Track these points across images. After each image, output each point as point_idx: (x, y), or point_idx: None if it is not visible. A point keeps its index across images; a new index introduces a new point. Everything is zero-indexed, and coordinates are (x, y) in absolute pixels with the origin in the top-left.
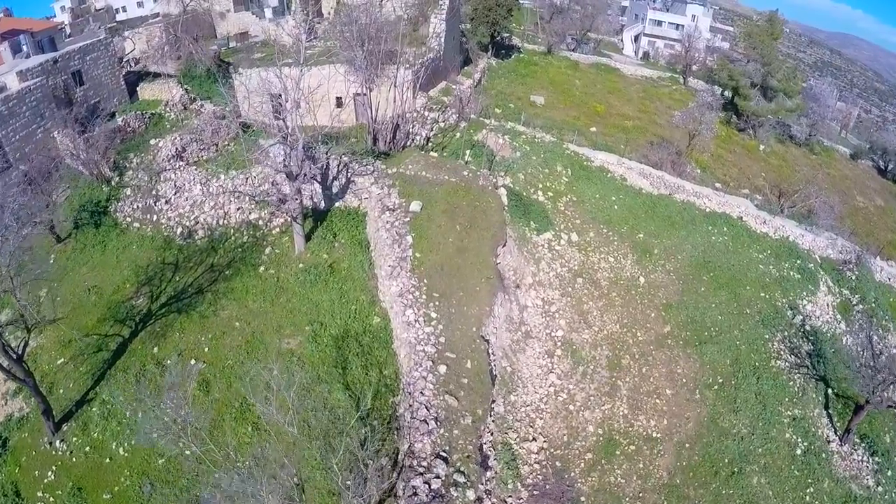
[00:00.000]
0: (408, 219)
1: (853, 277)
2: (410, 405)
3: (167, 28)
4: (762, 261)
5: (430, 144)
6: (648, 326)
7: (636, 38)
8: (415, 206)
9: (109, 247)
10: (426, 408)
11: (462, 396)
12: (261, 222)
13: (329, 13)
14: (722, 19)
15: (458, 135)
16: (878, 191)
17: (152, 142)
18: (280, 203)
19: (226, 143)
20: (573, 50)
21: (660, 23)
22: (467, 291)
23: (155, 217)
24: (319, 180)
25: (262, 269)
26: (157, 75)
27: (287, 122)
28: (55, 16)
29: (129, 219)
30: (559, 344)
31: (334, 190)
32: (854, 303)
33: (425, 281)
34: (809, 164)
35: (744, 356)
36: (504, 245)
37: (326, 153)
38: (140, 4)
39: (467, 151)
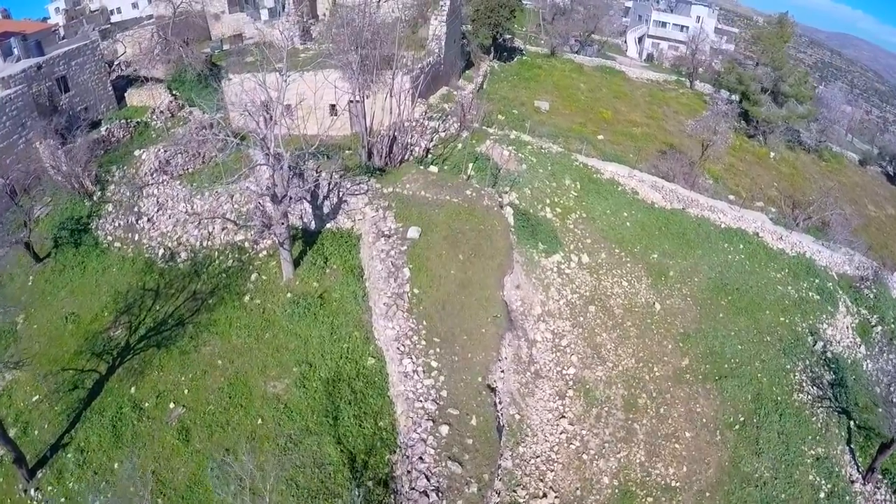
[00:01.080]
0: (405, 247)
1: (871, 296)
2: (409, 472)
3: (158, 30)
4: (780, 281)
5: (429, 157)
6: (666, 360)
7: (640, 40)
8: (413, 232)
9: (89, 268)
10: (426, 476)
11: (466, 460)
12: (247, 244)
13: (324, 14)
14: (723, 20)
15: (459, 146)
16: (889, 199)
17: (137, 153)
18: (264, 227)
19: (213, 154)
20: (577, 52)
21: (664, 24)
22: (472, 334)
23: (136, 236)
24: (309, 199)
25: (247, 298)
26: (146, 80)
27: (270, 139)
28: (49, 17)
29: (110, 237)
30: (571, 383)
31: (325, 210)
32: (873, 323)
33: (424, 323)
34: (820, 172)
35: (765, 390)
36: (511, 273)
37: (316, 170)
38: (135, 5)
39: (470, 165)
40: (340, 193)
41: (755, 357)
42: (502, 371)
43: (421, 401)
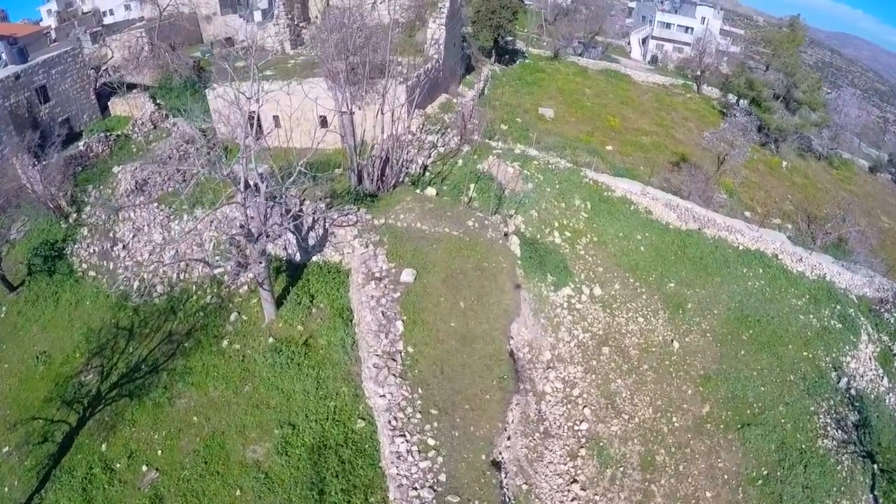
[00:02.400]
0: (398, 294)
1: (892, 320)
2: None
3: (145, 34)
4: (802, 309)
5: (427, 174)
6: (685, 408)
7: (644, 42)
8: (407, 275)
9: (62, 301)
10: None
11: None
12: (226, 277)
13: (316, 17)
14: (725, 20)
15: (460, 162)
16: None
17: (115, 169)
18: (240, 267)
19: (195, 172)
20: (580, 54)
21: (668, 25)
22: (475, 402)
23: (112, 265)
24: (292, 230)
25: (225, 342)
26: (133, 87)
27: (242, 167)
28: (41, 20)
29: (84, 265)
30: (583, 440)
31: (311, 242)
32: (895, 352)
33: (420, 391)
34: (832, 181)
35: (790, 438)
36: (518, 316)
37: (300, 199)
38: (127, 7)
39: (471, 186)
40: (327, 225)
41: (779, 400)
42: (508, 437)
43: (416, 488)
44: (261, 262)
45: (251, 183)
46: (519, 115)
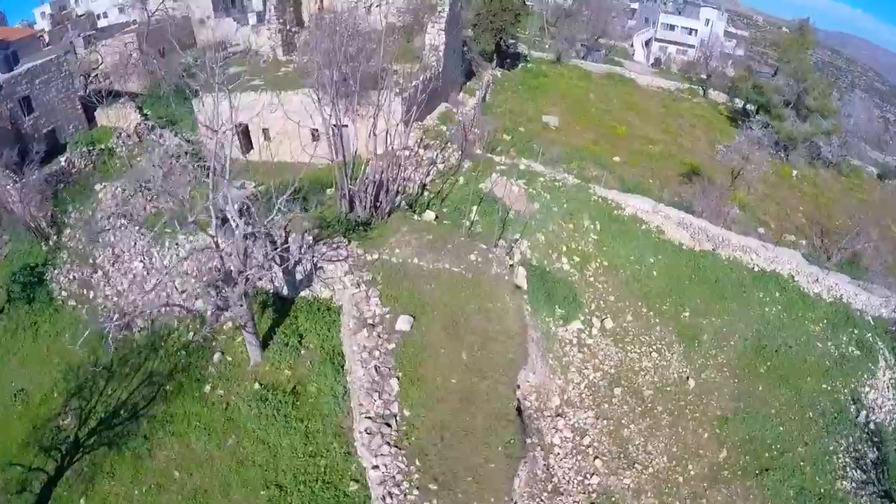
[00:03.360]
0: (392, 345)
1: None
2: None
3: (135, 39)
4: (819, 335)
5: (426, 194)
6: (701, 454)
7: (647, 44)
8: (403, 323)
9: (41, 332)
10: None
11: None
12: (209, 312)
13: (310, 21)
14: (728, 22)
15: (461, 180)
16: None
17: (97, 187)
18: (220, 310)
19: (179, 189)
20: (583, 57)
21: (672, 27)
22: (478, 473)
23: (92, 293)
24: (278, 262)
25: (208, 387)
26: (121, 95)
27: (217, 198)
28: (35, 22)
29: (64, 293)
30: (595, 495)
31: (298, 276)
32: None
33: (417, 463)
34: (841, 190)
35: (809, 482)
36: (526, 362)
37: (285, 230)
38: (122, 10)
39: (473, 209)
40: (314, 258)
41: (798, 440)
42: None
43: None
44: (241, 305)
45: (229, 217)
46: (522, 124)
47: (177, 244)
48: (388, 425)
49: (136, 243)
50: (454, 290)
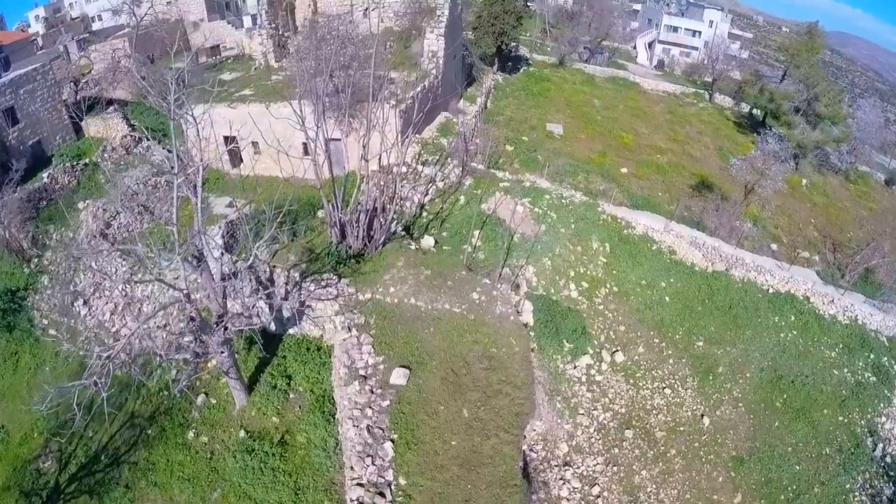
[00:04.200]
0: (387, 402)
1: None
2: None
3: (125, 43)
4: (835, 362)
5: (424, 215)
6: (715, 499)
7: (650, 46)
8: (398, 376)
9: (21, 365)
10: None
11: None
12: (188, 360)
13: (304, 25)
14: (732, 24)
15: (462, 199)
16: None
17: (81, 205)
18: (199, 358)
19: (166, 209)
20: (586, 60)
21: (675, 29)
22: None
23: (73, 322)
24: (265, 297)
25: (191, 434)
26: (110, 103)
27: (197, 237)
28: (30, 26)
29: (45, 321)
30: None
31: (285, 313)
32: None
33: None
34: (850, 197)
35: None
36: (532, 415)
37: (269, 265)
38: (116, 13)
39: (476, 233)
40: (301, 295)
41: (814, 479)
42: None
43: None
44: (223, 352)
45: (197, 255)
46: (525, 133)
47: (159, 273)
48: (382, 495)
49: (117, 270)
50: (454, 334)
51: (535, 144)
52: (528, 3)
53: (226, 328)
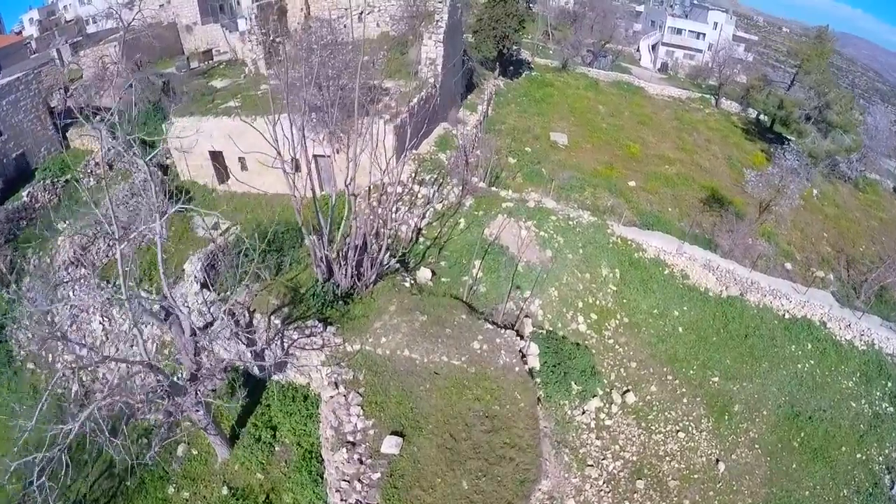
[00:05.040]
0: (377, 474)
1: None
2: None
3: (120, 47)
4: (853, 393)
5: (421, 240)
6: None
7: (654, 48)
8: (390, 444)
9: None
10: None
11: None
12: (160, 420)
13: (296, 30)
14: (737, 26)
15: (461, 222)
16: None
17: (61, 226)
18: (172, 416)
19: (144, 232)
20: (589, 64)
21: (679, 31)
22: None
23: (51, 356)
24: (245, 342)
25: (171, 489)
26: (97, 112)
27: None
28: (22, 29)
29: (24, 352)
30: None
31: (268, 360)
32: None
33: None
34: (860, 206)
35: None
36: (538, 479)
37: (248, 309)
38: (110, 16)
39: (476, 263)
40: (284, 343)
41: None
42: None
43: None
44: (198, 410)
45: (165, 307)
46: (528, 143)
47: (139, 304)
48: None
49: (94, 300)
50: (453, 391)
51: (538, 156)
52: (531, 6)
53: (197, 393)
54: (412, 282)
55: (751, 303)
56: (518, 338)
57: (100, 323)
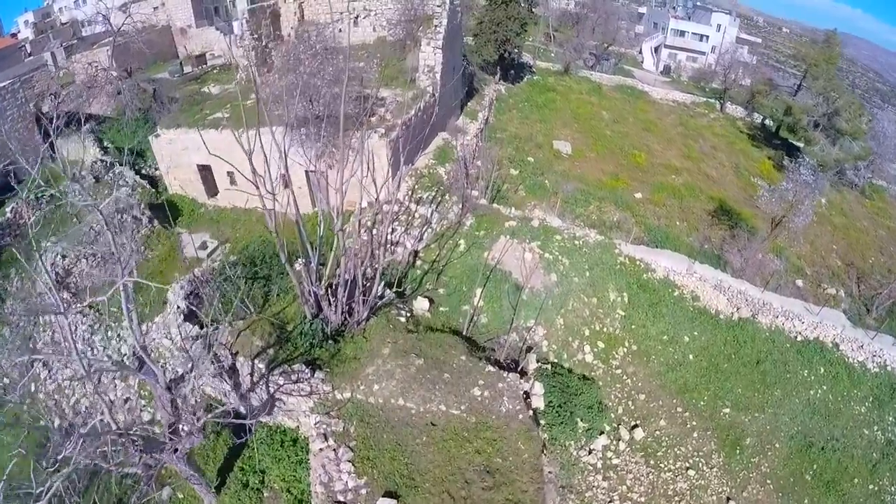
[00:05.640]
0: None
1: None
2: None
3: (113, 50)
4: (865, 418)
5: (419, 264)
6: None
7: (656, 50)
8: None
9: None
10: None
11: None
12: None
13: (289, 34)
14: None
15: (461, 244)
16: None
17: (45, 244)
18: (151, 469)
19: (132, 251)
20: (592, 67)
21: (682, 33)
22: None
23: (33, 386)
24: (229, 383)
25: None
26: (87, 119)
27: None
28: (19, 31)
29: (6, 380)
30: None
31: (254, 402)
32: None
33: None
34: (867, 214)
35: None
36: None
37: (230, 350)
38: (106, 18)
39: (477, 291)
40: (270, 388)
41: None
42: None
43: None
44: (180, 462)
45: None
46: (531, 152)
47: (119, 336)
48: None
49: (76, 328)
50: (452, 444)
51: (541, 166)
52: (533, 9)
53: (176, 450)
54: (408, 314)
55: (762, 325)
56: (521, 378)
57: (79, 354)
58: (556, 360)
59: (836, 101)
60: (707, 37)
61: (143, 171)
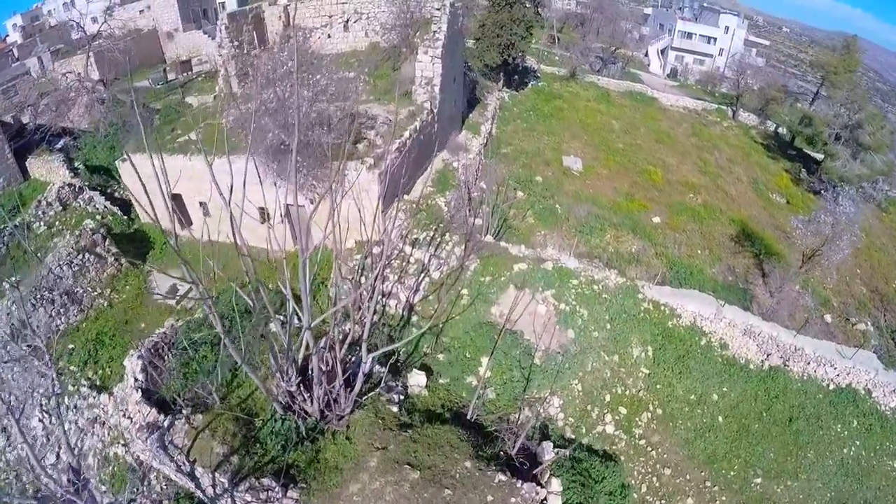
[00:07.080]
0: None
1: None
2: None
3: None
4: None
5: (414, 320)
6: None
7: (663, 52)
8: None
9: None
10: None
11: None
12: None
13: (274, 42)
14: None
15: (464, 295)
16: None
17: (4, 285)
18: None
19: (97, 290)
20: (598, 71)
21: (690, 35)
22: None
23: (3, 441)
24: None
25: None
26: (62, 135)
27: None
28: (7, 35)
29: None
30: None
31: None
32: None
33: None
34: (884, 229)
35: None
36: None
37: (188, 458)
38: (95, 21)
39: (483, 361)
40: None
41: None
42: None
43: None
44: None
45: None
46: (539, 170)
47: (84, 401)
48: None
49: (34, 389)
50: None
51: (550, 187)
52: (539, 11)
53: None
54: (401, 396)
55: (794, 374)
56: (536, 478)
57: (39, 420)
58: (573, 437)
59: (859, 112)
60: (714, 39)
61: (117, 194)
